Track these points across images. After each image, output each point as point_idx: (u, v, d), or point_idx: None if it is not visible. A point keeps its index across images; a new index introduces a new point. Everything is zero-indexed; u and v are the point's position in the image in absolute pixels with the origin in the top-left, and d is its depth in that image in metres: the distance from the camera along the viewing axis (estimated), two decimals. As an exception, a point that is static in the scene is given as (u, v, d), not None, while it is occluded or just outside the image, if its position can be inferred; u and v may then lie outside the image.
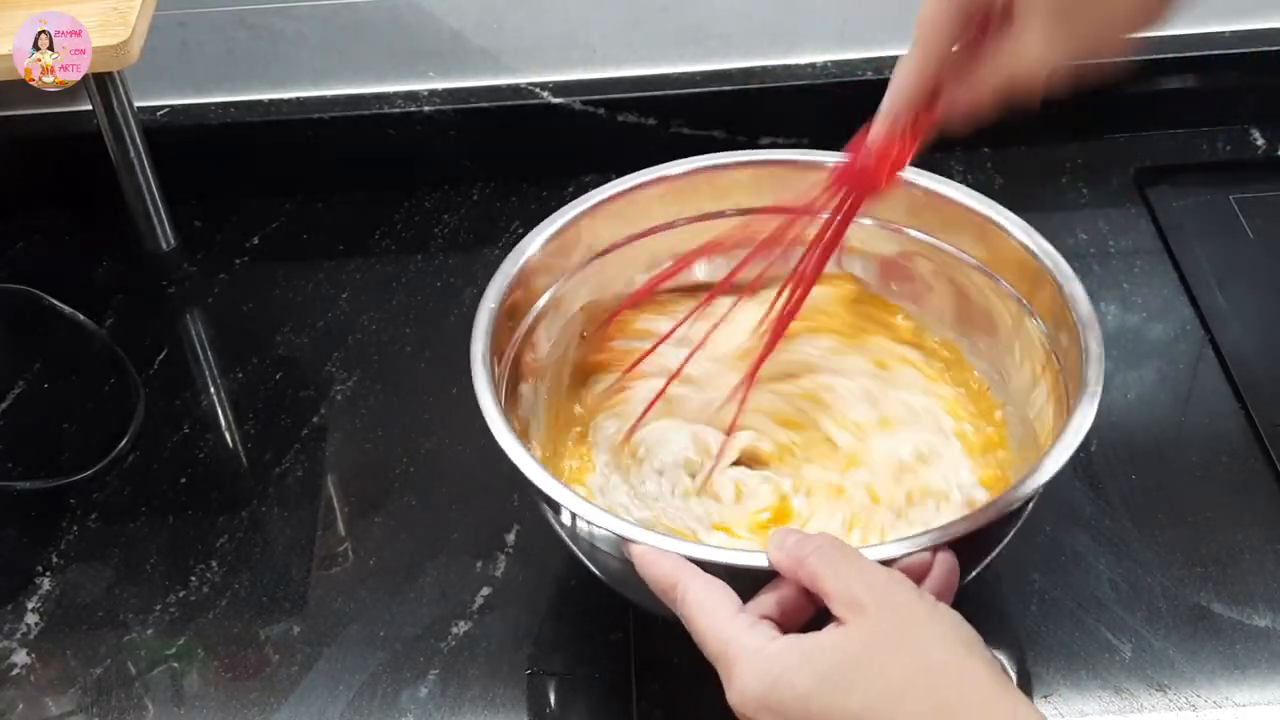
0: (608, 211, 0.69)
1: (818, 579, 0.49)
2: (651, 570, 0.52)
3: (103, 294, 0.87)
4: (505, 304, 0.64)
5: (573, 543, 0.59)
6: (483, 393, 0.59)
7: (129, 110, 0.82)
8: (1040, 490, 0.55)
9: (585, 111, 0.91)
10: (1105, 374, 0.77)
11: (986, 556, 0.58)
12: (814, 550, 0.49)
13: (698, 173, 0.70)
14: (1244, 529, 0.68)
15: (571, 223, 0.68)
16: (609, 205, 0.69)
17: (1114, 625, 0.64)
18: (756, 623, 0.49)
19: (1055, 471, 0.55)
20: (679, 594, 0.51)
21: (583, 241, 0.69)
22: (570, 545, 0.60)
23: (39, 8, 0.72)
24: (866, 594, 0.47)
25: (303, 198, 0.94)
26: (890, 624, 0.47)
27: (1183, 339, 0.79)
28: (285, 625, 0.67)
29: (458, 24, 0.90)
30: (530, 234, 0.67)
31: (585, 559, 0.60)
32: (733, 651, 0.48)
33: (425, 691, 0.64)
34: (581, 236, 0.69)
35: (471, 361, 0.60)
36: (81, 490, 0.74)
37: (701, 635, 0.50)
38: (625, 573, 0.54)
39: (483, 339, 0.61)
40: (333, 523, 0.72)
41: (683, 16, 0.90)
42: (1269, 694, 0.62)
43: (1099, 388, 0.58)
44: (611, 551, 0.56)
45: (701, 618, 0.50)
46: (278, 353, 0.82)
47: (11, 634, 0.67)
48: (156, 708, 0.64)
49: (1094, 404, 0.57)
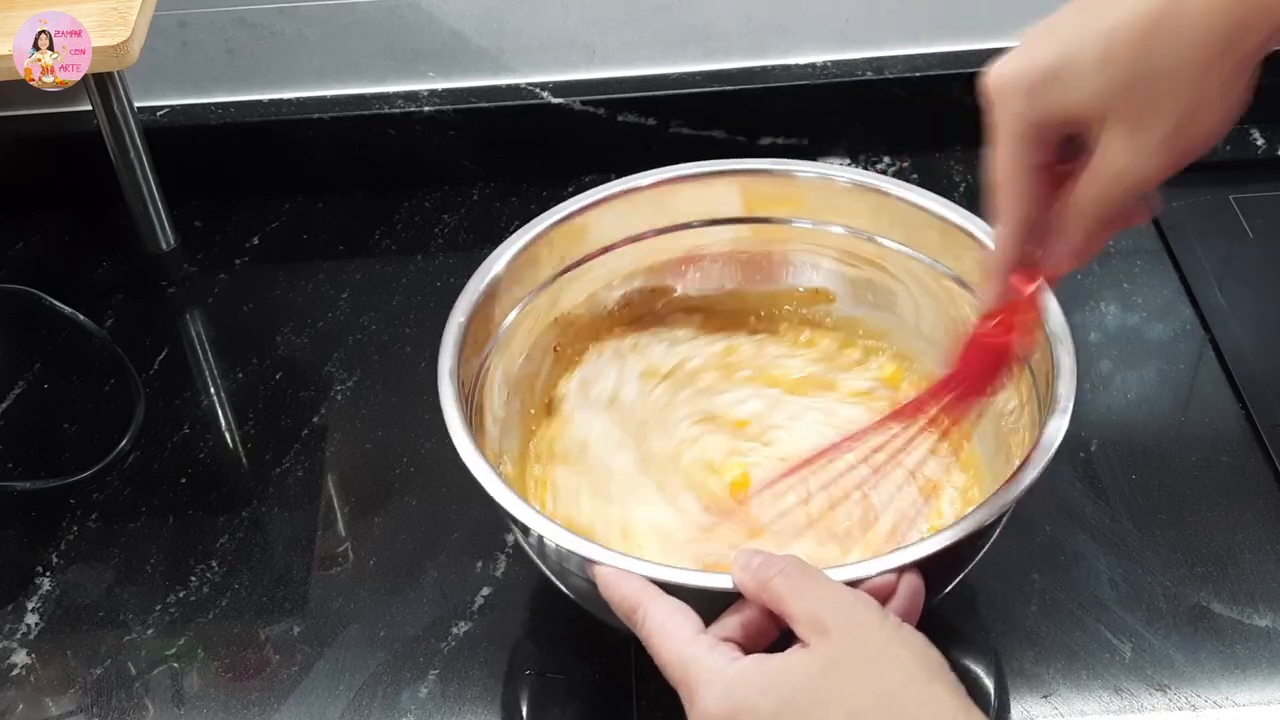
0: (574, 226, 0.69)
1: (781, 601, 0.48)
2: (613, 592, 0.51)
3: (103, 294, 0.87)
4: (474, 317, 0.63)
5: (541, 562, 0.59)
6: (449, 409, 0.59)
7: (129, 110, 0.82)
8: (1009, 509, 0.55)
9: (585, 111, 0.91)
10: (1105, 374, 0.77)
11: (955, 577, 0.58)
12: (778, 572, 0.49)
13: (663, 185, 0.70)
14: (1244, 529, 0.68)
15: (540, 236, 0.68)
16: (576, 219, 0.69)
17: (1114, 625, 0.64)
18: (717, 644, 0.48)
19: (1020, 492, 0.54)
20: (639, 617, 0.50)
21: (554, 253, 0.69)
22: (539, 564, 0.60)
23: (39, 8, 0.72)
24: (830, 616, 0.47)
25: (303, 198, 0.94)
26: (854, 646, 0.46)
27: (1183, 339, 0.79)
28: (285, 625, 0.67)
29: (458, 24, 0.90)
30: (499, 248, 0.66)
31: (555, 579, 0.59)
32: (693, 674, 0.47)
33: (425, 691, 0.64)
34: (554, 248, 0.68)
35: (439, 378, 0.60)
36: (82, 490, 0.74)
37: (662, 658, 0.49)
38: (593, 593, 0.53)
39: (451, 354, 0.61)
40: (333, 523, 0.72)
41: (683, 16, 0.90)
42: (1269, 694, 0.62)
43: (1070, 404, 0.57)
44: (578, 572, 0.55)
45: (662, 640, 0.49)
46: (278, 353, 0.82)
47: (12, 634, 0.67)
48: (156, 708, 0.64)
49: (1064, 420, 0.56)
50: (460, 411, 0.58)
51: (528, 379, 0.69)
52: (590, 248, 0.70)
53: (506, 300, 0.67)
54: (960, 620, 0.65)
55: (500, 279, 0.65)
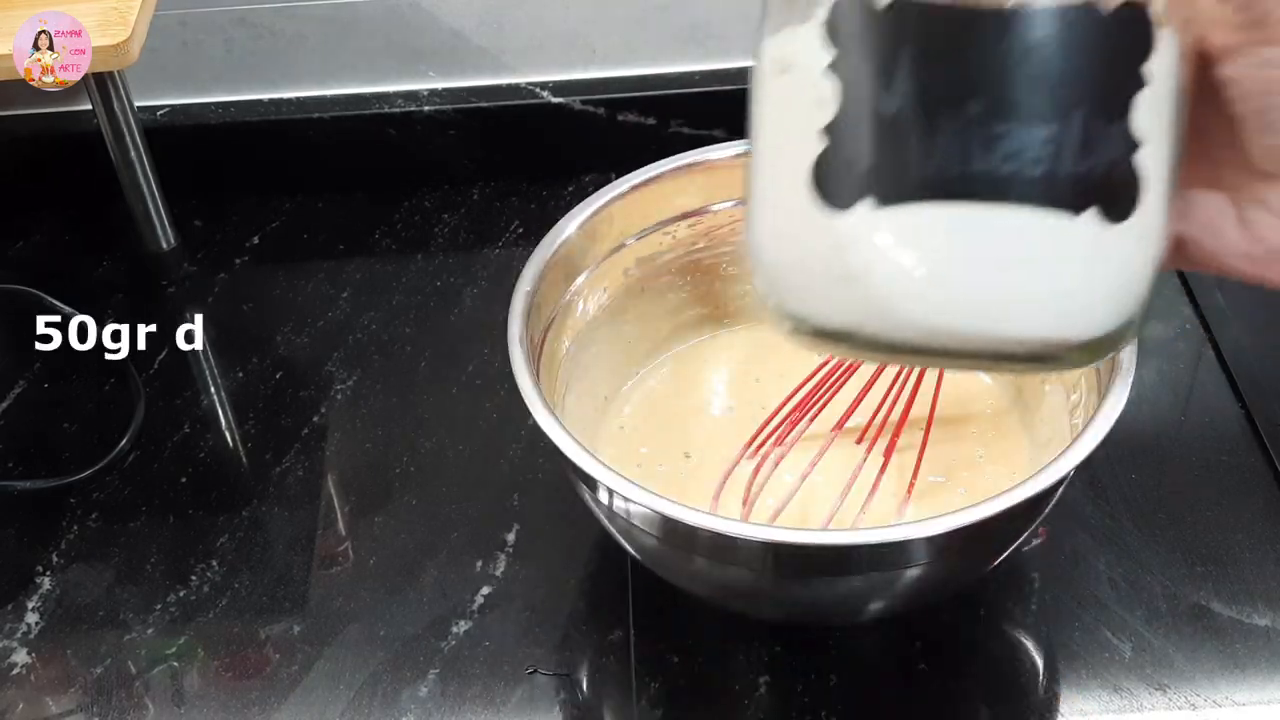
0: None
1: None
2: None
3: (102, 294, 0.87)
4: (541, 285, 0.64)
5: (609, 522, 0.60)
6: (520, 373, 0.59)
7: (129, 110, 0.82)
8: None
9: (585, 111, 0.91)
10: (1105, 373, 0.77)
11: (1027, 530, 0.59)
12: None
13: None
14: (1244, 528, 0.68)
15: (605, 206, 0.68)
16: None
17: (1114, 624, 0.64)
18: None
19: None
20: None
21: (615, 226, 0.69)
22: (607, 525, 0.60)
23: (39, 8, 0.72)
24: None
25: (303, 198, 0.94)
26: None
27: (1182, 339, 0.79)
28: (285, 625, 0.67)
29: (458, 24, 0.90)
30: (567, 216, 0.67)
31: (620, 537, 0.60)
32: None
33: (425, 691, 0.64)
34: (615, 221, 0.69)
35: (509, 343, 0.60)
36: (82, 490, 0.74)
37: None
38: (660, 550, 0.54)
39: (519, 321, 0.61)
40: (333, 522, 0.72)
41: (683, 16, 0.90)
42: (1269, 693, 0.62)
43: (1132, 367, 0.57)
44: (648, 529, 0.56)
45: None
46: (278, 352, 0.83)
47: (12, 633, 0.67)
48: (157, 707, 0.64)
49: (1127, 385, 0.57)
50: (531, 377, 0.59)
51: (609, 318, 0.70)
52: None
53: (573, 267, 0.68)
54: (960, 620, 0.65)
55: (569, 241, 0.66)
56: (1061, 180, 0.37)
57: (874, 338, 0.39)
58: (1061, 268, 0.38)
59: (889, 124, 0.37)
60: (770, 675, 0.63)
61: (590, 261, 0.68)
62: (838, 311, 0.40)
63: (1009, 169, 0.37)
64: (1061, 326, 0.39)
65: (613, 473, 0.55)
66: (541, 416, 0.57)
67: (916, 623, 0.64)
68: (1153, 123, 0.38)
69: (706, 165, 0.69)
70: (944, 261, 0.37)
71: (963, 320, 0.38)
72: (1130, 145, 0.38)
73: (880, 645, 0.65)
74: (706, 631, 0.65)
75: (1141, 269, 0.40)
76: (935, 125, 0.37)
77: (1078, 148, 0.37)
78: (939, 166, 0.37)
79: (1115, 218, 0.38)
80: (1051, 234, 0.37)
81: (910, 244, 0.37)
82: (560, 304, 0.67)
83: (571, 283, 0.67)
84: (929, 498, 0.64)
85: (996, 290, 0.38)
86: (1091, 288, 0.39)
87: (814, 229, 0.39)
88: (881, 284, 0.38)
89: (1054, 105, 0.37)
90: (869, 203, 0.37)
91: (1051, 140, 0.37)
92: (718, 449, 0.67)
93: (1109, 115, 0.37)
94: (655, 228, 0.70)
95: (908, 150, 0.37)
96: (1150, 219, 0.39)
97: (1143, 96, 0.38)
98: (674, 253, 0.71)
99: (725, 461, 0.64)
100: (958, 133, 0.37)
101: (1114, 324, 0.40)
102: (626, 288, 0.71)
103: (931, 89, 0.37)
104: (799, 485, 0.62)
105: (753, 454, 0.64)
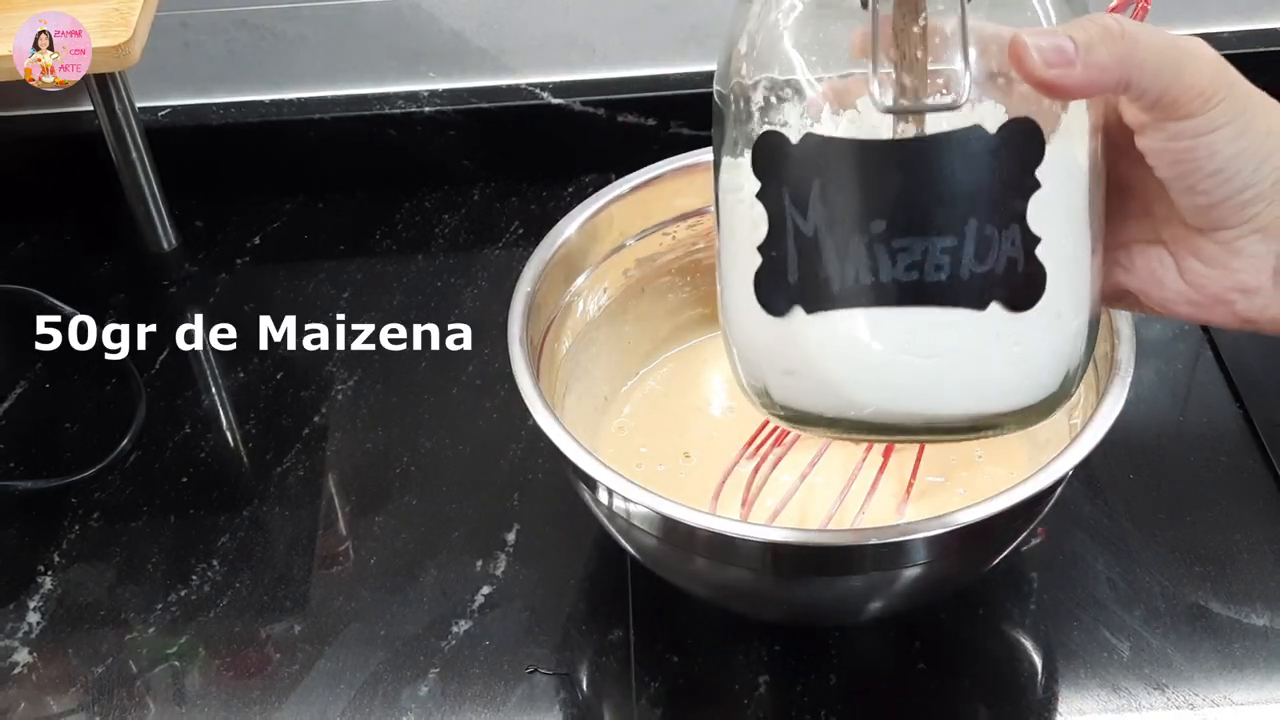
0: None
1: None
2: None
3: (103, 294, 0.87)
4: (541, 285, 0.64)
5: (609, 521, 0.60)
6: (520, 373, 0.59)
7: (130, 110, 0.82)
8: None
9: (585, 111, 0.91)
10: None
11: (1027, 527, 0.59)
12: None
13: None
14: (1243, 529, 0.68)
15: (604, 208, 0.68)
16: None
17: (1113, 624, 0.65)
18: None
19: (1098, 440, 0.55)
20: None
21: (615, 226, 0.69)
22: (606, 524, 0.60)
23: (39, 8, 0.73)
24: None
25: (303, 198, 0.94)
26: None
27: (1182, 339, 0.79)
28: (286, 624, 0.67)
29: (458, 24, 0.90)
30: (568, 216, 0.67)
31: (620, 537, 0.60)
32: None
33: (426, 690, 0.64)
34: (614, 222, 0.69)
35: (509, 343, 0.60)
36: (83, 490, 0.74)
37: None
38: (660, 550, 0.55)
39: (519, 321, 0.61)
40: (333, 522, 0.73)
41: (683, 16, 0.90)
42: (1267, 693, 0.62)
43: (1130, 368, 0.57)
44: (648, 529, 0.56)
45: None
46: (278, 352, 0.83)
47: (13, 633, 0.67)
48: (158, 706, 0.64)
49: (1127, 381, 0.57)
50: (531, 376, 0.59)
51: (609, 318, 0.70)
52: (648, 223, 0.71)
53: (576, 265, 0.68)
54: (959, 620, 0.65)
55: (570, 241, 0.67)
56: (963, 282, 0.41)
57: (833, 420, 0.45)
58: (976, 355, 0.43)
59: (808, 243, 0.42)
60: (770, 675, 0.63)
61: (590, 262, 0.68)
62: (792, 398, 0.46)
63: (914, 277, 0.42)
64: (987, 404, 0.44)
65: (612, 473, 0.55)
66: (541, 416, 0.57)
67: (916, 623, 0.64)
68: (1051, 217, 0.42)
69: (706, 166, 0.69)
70: (871, 355, 0.43)
71: (897, 405, 0.44)
72: (1030, 241, 0.42)
73: (880, 645, 0.65)
74: (706, 631, 0.65)
75: (1060, 344, 0.44)
76: (846, 244, 0.42)
77: (974, 253, 0.41)
78: (853, 278, 0.42)
79: (1020, 307, 0.42)
80: (961, 328, 0.42)
81: (838, 345, 0.43)
82: (560, 304, 0.67)
83: (571, 283, 0.68)
84: (928, 498, 0.64)
85: (921, 377, 0.43)
86: (1009, 369, 0.43)
87: (760, 329, 0.45)
88: (820, 378, 0.44)
89: (949, 219, 0.41)
90: (799, 311, 0.43)
91: (948, 250, 0.41)
92: (717, 449, 0.67)
93: (1003, 221, 0.42)
94: (655, 228, 0.70)
95: (825, 266, 0.42)
96: (1062, 299, 0.43)
97: (1039, 196, 0.42)
98: (674, 253, 0.71)
99: (725, 461, 0.64)
100: (867, 248, 0.42)
101: (1042, 393, 0.45)
102: (626, 288, 0.71)
103: (839, 212, 0.42)
104: (798, 485, 0.62)
105: (752, 454, 0.64)
